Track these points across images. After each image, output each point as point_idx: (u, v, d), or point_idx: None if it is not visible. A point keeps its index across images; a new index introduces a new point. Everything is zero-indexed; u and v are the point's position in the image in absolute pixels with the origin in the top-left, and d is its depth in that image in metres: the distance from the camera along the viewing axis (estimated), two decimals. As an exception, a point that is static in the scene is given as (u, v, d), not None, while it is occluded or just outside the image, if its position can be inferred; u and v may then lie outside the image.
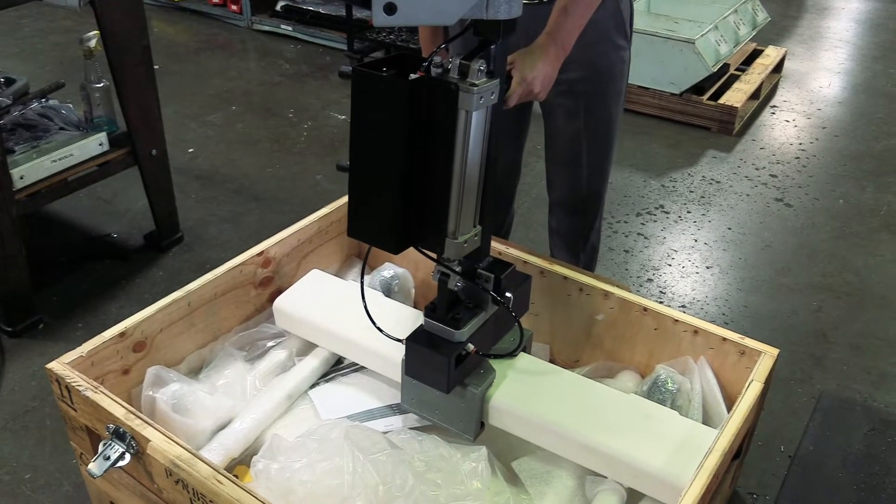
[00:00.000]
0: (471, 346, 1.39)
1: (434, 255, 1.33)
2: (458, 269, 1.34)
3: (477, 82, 1.16)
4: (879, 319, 2.29)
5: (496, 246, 1.71)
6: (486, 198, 1.30)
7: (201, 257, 2.46)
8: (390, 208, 1.24)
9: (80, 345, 1.47)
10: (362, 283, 1.50)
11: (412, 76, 1.18)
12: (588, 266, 1.92)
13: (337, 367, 1.72)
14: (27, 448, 1.77)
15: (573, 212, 1.79)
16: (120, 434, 1.32)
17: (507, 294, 1.41)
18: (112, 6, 2.02)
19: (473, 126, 1.18)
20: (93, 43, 2.23)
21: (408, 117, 1.17)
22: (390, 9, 1.07)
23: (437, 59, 1.18)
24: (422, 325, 1.41)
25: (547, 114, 1.69)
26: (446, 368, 1.37)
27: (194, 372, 1.67)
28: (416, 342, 1.39)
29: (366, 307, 1.48)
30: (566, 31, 1.41)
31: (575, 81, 1.58)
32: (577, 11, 1.40)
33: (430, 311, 1.40)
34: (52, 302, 2.22)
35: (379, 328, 1.49)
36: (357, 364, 1.70)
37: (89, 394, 1.36)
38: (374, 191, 1.25)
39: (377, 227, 1.28)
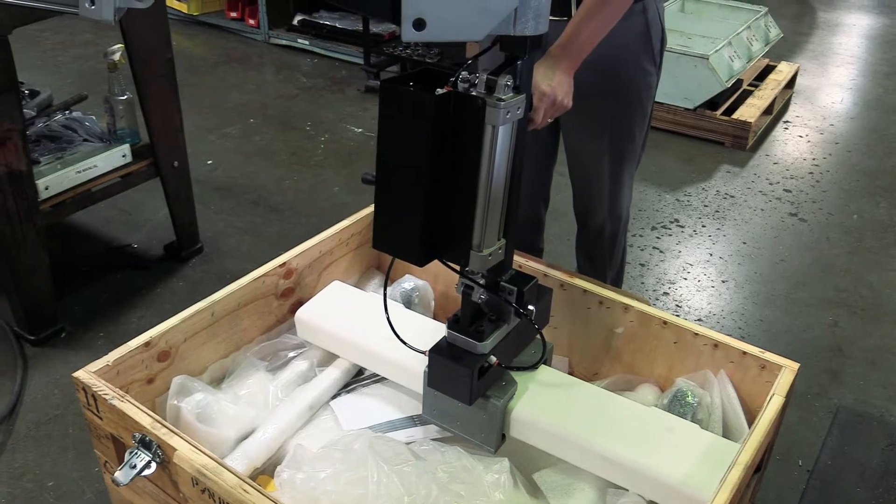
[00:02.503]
0: (493, 359, 1.39)
1: (457, 268, 1.34)
2: (481, 281, 1.34)
3: (504, 97, 1.16)
4: (895, 335, 2.28)
5: (516, 259, 1.71)
6: (511, 211, 1.31)
7: (220, 268, 2.47)
8: (416, 221, 1.24)
9: (102, 353, 1.47)
10: (385, 295, 1.50)
11: (438, 91, 1.19)
12: (615, 282, 1.92)
13: (358, 378, 1.72)
14: (50, 455, 1.78)
15: (598, 230, 1.79)
16: (146, 443, 1.33)
17: (530, 307, 1.41)
18: (138, 20, 2.05)
19: (500, 141, 1.19)
20: (117, 56, 2.25)
21: (434, 132, 1.18)
22: (419, 24, 1.08)
23: (464, 73, 1.18)
24: (445, 336, 1.41)
25: (572, 135, 1.70)
26: (469, 380, 1.36)
27: (216, 381, 1.68)
28: (440, 354, 1.39)
29: (389, 319, 1.48)
30: (578, 44, 1.41)
31: (602, 105, 1.59)
32: (591, 26, 1.40)
33: (453, 323, 1.40)
34: (74, 311, 2.23)
35: (402, 340, 1.49)
36: (378, 375, 1.70)
37: (116, 402, 1.37)
38: (400, 204, 1.25)
39: (402, 240, 1.28)
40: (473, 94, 1.17)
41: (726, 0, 4.06)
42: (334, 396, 1.67)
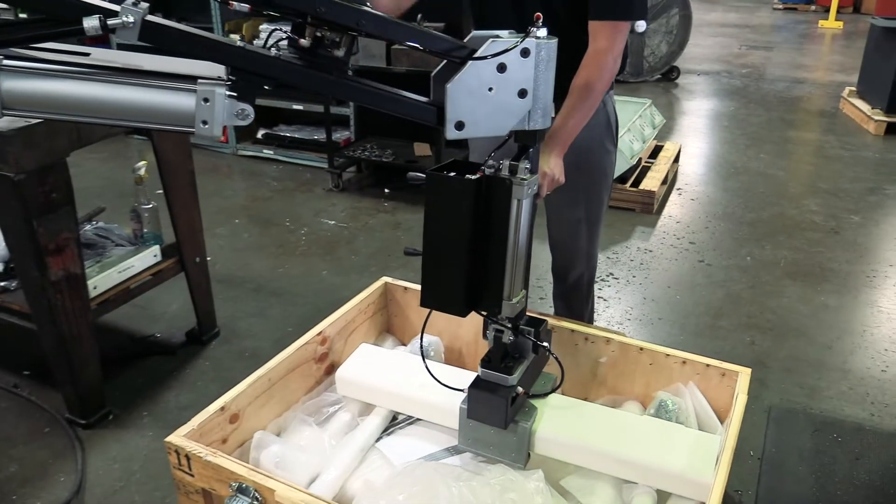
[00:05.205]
0: (520, 389, 1.52)
1: (485, 314, 1.47)
2: (509, 325, 1.47)
3: (525, 178, 1.33)
4: (800, 346, 2.52)
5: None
6: (528, 267, 1.46)
7: (238, 346, 2.51)
8: (459, 281, 1.37)
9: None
10: (422, 349, 1.62)
11: (469, 176, 1.35)
12: (590, 321, 2.08)
13: (394, 422, 1.80)
14: (124, 522, 1.77)
15: (577, 280, 1.96)
16: (243, 489, 1.38)
17: (545, 343, 1.54)
18: (167, 140, 2.14)
19: (524, 211, 1.34)
20: (142, 171, 2.33)
21: (473, 208, 1.33)
22: (459, 126, 1.25)
23: (490, 162, 1.35)
24: (478, 374, 1.53)
25: (554, 205, 1.88)
26: (504, 408, 1.48)
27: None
28: (477, 388, 1.51)
29: (427, 367, 1.59)
30: (565, 133, 1.60)
31: (578, 181, 1.78)
32: (574, 119, 1.60)
33: (485, 363, 1.51)
34: (117, 395, 2.22)
35: (440, 381, 1.59)
36: (411, 417, 1.79)
37: (210, 458, 1.41)
38: (445, 267, 1.38)
39: (447, 297, 1.40)
40: (501, 176, 1.34)
41: (619, 95, 4.44)
42: (377, 440, 1.74)
